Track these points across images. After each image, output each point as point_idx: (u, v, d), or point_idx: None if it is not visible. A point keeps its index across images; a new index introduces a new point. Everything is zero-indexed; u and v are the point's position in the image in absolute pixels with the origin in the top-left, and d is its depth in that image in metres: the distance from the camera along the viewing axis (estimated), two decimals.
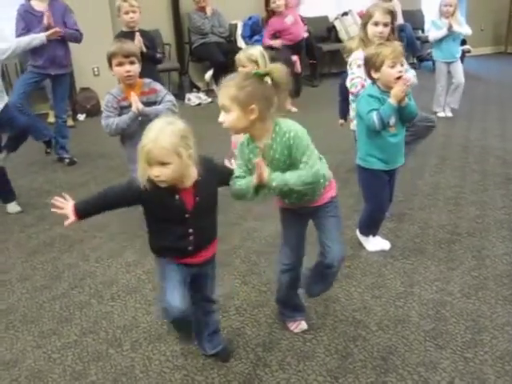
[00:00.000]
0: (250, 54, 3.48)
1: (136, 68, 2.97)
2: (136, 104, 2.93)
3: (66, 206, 1.91)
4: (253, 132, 1.99)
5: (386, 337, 2.32)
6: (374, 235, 3.08)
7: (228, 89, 1.92)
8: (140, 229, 3.42)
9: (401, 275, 2.80)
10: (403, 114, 2.70)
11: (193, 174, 1.89)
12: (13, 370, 2.23)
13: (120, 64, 2.94)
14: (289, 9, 6.81)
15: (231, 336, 2.36)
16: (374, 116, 2.62)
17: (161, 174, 1.77)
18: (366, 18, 3.27)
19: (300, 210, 2.17)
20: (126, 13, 4.07)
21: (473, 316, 2.44)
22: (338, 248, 2.18)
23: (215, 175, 2.00)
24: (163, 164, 1.76)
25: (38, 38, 3.95)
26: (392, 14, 3.25)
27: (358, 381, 2.07)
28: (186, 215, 1.90)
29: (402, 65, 2.63)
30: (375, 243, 3.07)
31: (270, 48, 6.58)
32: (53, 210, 1.91)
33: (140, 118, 2.94)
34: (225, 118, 1.96)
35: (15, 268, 3.07)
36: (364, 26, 3.27)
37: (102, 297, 2.72)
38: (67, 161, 4.91)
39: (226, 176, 2.04)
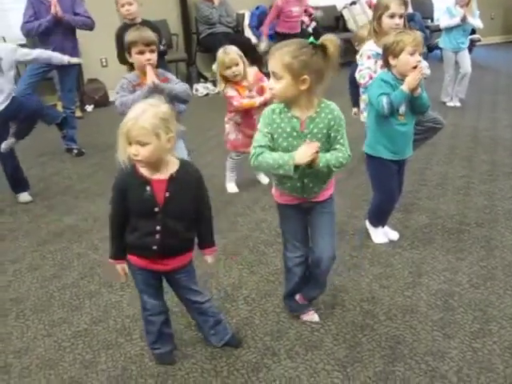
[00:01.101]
0: (236, 51, 3.57)
1: (155, 56, 2.99)
2: (152, 78, 2.92)
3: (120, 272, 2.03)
4: (297, 102, 1.97)
5: (393, 326, 2.33)
6: (382, 226, 3.07)
7: (282, 56, 1.89)
8: None
9: (409, 265, 2.80)
10: (415, 105, 2.68)
11: (170, 163, 1.89)
12: (24, 358, 2.26)
13: (141, 52, 2.94)
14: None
15: (239, 325, 2.38)
16: (384, 100, 2.60)
17: (138, 153, 1.80)
18: (380, 9, 3.18)
19: (299, 206, 2.17)
20: (122, 5, 4.10)
21: (481, 306, 2.44)
22: (328, 244, 2.18)
23: (194, 188, 1.96)
24: (142, 144, 1.79)
25: (58, 58, 3.98)
26: (406, 4, 3.22)
27: (365, 370, 2.08)
28: (156, 209, 1.88)
29: (420, 54, 2.61)
30: (383, 235, 3.07)
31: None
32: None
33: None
34: (274, 85, 1.94)
35: (25, 258, 3.10)
36: (379, 17, 3.21)
37: (112, 286, 2.74)
38: (75, 151, 4.93)
39: (202, 199, 2.00)
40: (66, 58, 4.00)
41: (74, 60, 4.13)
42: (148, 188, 1.87)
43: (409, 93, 2.59)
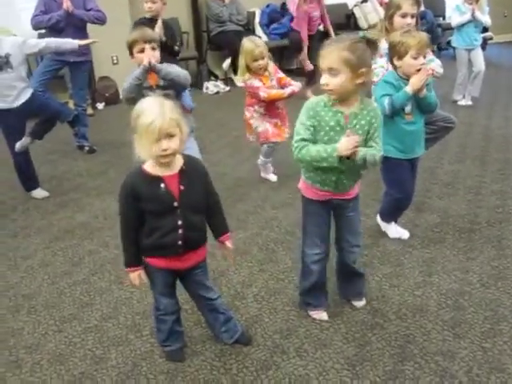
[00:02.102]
0: (263, 43, 3.66)
1: (157, 53, 2.99)
2: (148, 58, 2.92)
3: (138, 278, 2.02)
4: (349, 97, 2.00)
5: (403, 325, 2.32)
6: (395, 221, 3.07)
7: (339, 51, 1.92)
8: None
9: (419, 264, 2.79)
10: (421, 105, 2.68)
11: (176, 158, 1.90)
12: (35, 353, 2.28)
13: (142, 50, 2.96)
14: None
15: (249, 323, 2.38)
16: (386, 101, 2.60)
17: (168, 147, 1.79)
18: (392, 8, 3.17)
19: (327, 202, 2.19)
20: (146, 2, 4.14)
21: (492, 306, 2.42)
22: (357, 242, 2.28)
23: (203, 179, 1.99)
24: (171, 136, 1.79)
25: (69, 42, 3.95)
26: (418, 3, 3.20)
27: (375, 369, 2.08)
28: (175, 203, 1.89)
29: (424, 57, 2.59)
30: (397, 230, 3.06)
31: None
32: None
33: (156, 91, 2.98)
34: (329, 81, 1.95)
35: (37, 254, 3.13)
36: (390, 16, 3.19)
37: (122, 283, 2.75)
38: (87, 149, 4.97)
39: (211, 189, 2.03)
40: (75, 42, 3.97)
41: (85, 42, 4.11)
42: (162, 185, 1.87)
43: (413, 94, 2.58)
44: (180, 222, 1.92)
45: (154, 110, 1.79)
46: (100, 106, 6.75)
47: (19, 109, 3.65)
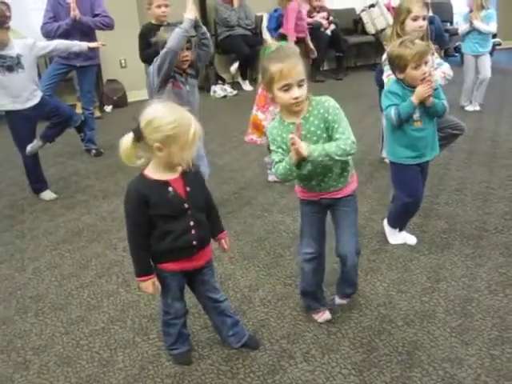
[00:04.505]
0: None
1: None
2: (193, 12, 3.00)
3: (152, 286, 2.00)
4: (301, 107, 2.02)
5: (411, 332, 2.31)
6: (400, 230, 3.06)
7: (300, 62, 1.97)
8: None
9: (427, 270, 2.78)
10: (429, 112, 2.67)
11: None
12: (42, 355, 2.29)
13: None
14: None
15: (256, 327, 2.38)
16: (392, 111, 2.60)
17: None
18: (403, 14, 3.16)
19: (322, 201, 2.20)
20: (159, 6, 4.06)
21: (500, 313, 2.41)
22: (351, 241, 2.23)
23: (201, 180, 2.05)
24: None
25: (78, 45, 3.96)
26: (427, 5, 3.21)
27: (382, 375, 2.07)
28: (185, 205, 1.91)
29: (426, 63, 2.58)
30: (400, 237, 3.05)
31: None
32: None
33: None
34: (301, 93, 1.98)
35: (44, 256, 3.14)
36: (402, 22, 3.17)
37: (130, 286, 2.76)
38: (94, 151, 4.99)
39: (207, 189, 2.07)
40: (84, 44, 3.98)
41: (94, 44, 4.10)
42: (170, 188, 1.88)
43: (418, 104, 2.57)
44: (192, 223, 1.93)
45: (190, 117, 1.81)
46: (108, 108, 6.78)
47: (29, 111, 3.67)
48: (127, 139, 1.85)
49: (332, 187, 2.16)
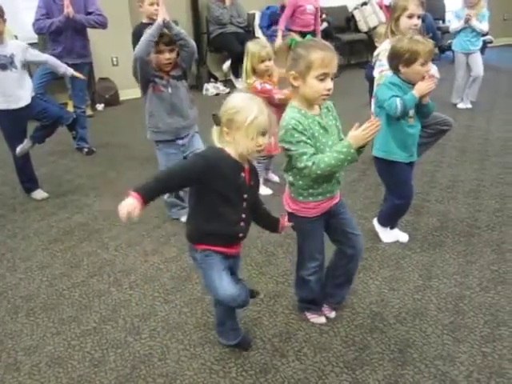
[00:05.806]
0: (269, 45, 3.59)
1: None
2: (163, 14, 2.96)
3: (132, 208, 1.69)
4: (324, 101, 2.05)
5: (403, 329, 2.31)
6: (391, 228, 3.06)
7: (336, 58, 1.95)
8: (159, 218, 3.46)
9: (419, 268, 2.78)
10: (421, 110, 2.69)
11: None
12: (33, 355, 2.27)
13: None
14: None
15: (248, 326, 2.37)
16: (398, 101, 2.58)
17: (263, 143, 1.84)
18: (398, 10, 3.17)
19: (324, 214, 2.18)
20: (151, 4, 4.05)
21: (491, 310, 2.42)
22: (361, 237, 2.28)
23: (258, 184, 2.09)
24: (265, 134, 1.84)
25: (65, 67, 3.95)
26: (423, 4, 3.22)
27: (374, 373, 2.07)
28: (245, 195, 1.92)
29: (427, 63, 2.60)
30: (392, 235, 3.06)
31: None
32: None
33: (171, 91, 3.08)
34: (332, 85, 1.97)
35: (35, 256, 3.12)
36: (396, 19, 3.18)
37: (121, 285, 2.75)
38: (86, 150, 4.96)
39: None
40: (69, 71, 3.96)
41: (77, 74, 4.06)
42: (243, 174, 1.89)
43: (418, 99, 2.58)
44: (244, 216, 1.96)
45: (253, 107, 1.80)
46: (100, 107, 6.74)
47: (20, 111, 3.65)
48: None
49: (338, 189, 2.18)
